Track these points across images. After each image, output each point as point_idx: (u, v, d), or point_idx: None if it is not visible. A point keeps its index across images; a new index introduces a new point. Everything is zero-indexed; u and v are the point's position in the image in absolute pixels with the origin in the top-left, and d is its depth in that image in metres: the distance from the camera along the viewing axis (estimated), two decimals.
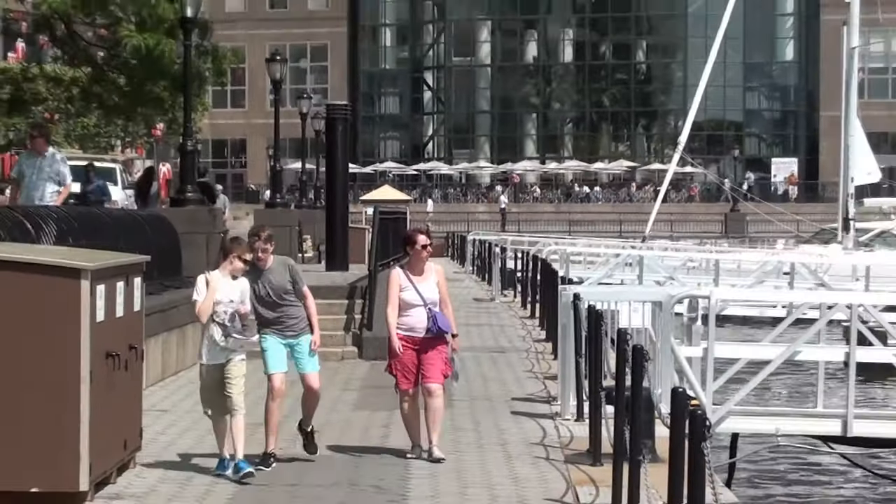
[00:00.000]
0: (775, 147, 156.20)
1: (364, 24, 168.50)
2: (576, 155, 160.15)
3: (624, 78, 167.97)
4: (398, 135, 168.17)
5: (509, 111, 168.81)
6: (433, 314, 18.96)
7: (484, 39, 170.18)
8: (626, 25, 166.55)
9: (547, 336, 36.21)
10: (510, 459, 21.84)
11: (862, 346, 26.07)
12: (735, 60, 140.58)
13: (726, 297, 32.43)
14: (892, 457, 30.36)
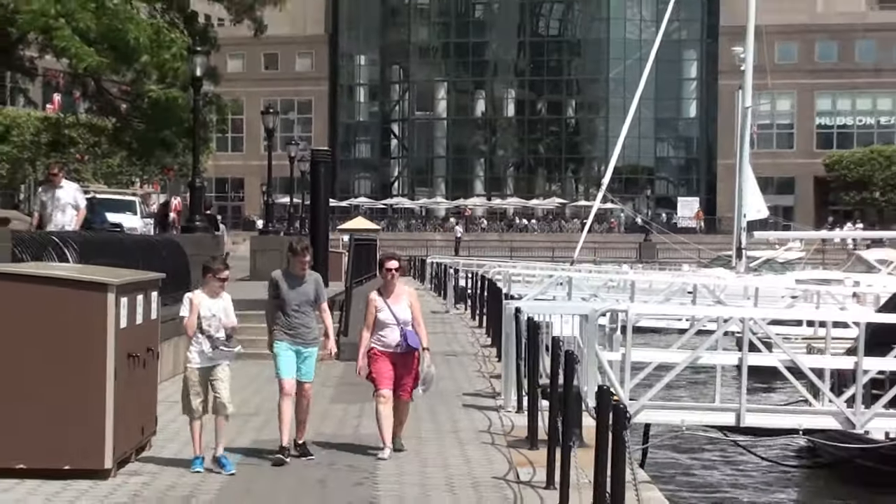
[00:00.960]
0: (680, 188, 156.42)
1: (342, 84, 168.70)
2: (516, 193, 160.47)
3: (556, 130, 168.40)
4: (369, 175, 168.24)
5: (462, 156, 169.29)
6: (405, 332, 18.71)
7: (441, 97, 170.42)
8: (558, 87, 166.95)
9: (492, 342, 36.24)
10: (462, 444, 21.88)
11: (752, 353, 26.19)
12: (648, 116, 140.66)
13: (640, 312, 32.48)
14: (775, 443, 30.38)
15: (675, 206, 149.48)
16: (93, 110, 55.11)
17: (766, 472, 31.93)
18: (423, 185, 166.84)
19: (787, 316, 44.49)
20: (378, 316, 18.76)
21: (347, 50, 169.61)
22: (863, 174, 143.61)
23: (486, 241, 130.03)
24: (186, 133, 47.42)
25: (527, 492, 17.95)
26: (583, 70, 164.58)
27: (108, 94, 49.48)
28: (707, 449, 33.85)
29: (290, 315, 18.55)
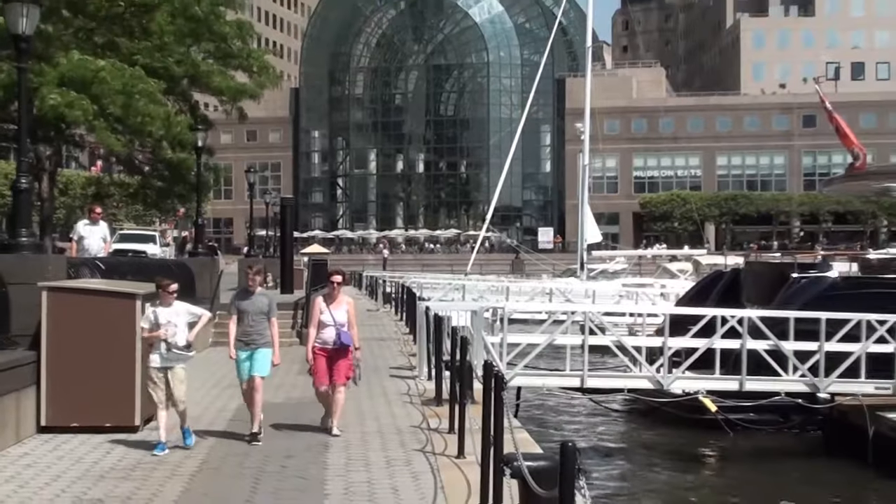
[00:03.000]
0: (540, 221, 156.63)
1: (302, 151, 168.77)
2: (426, 225, 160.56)
3: (453, 181, 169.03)
4: (321, 214, 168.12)
5: (387, 200, 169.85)
6: (339, 332, 17.75)
7: (372, 159, 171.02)
8: (453, 151, 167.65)
9: (410, 331, 36.16)
10: (389, 403, 21.93)
11: (591, 335, 26.25)
12: (517, 171, 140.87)
13: (512, 308, 32.42)
14: (609, 398, 30.37)
15: (537, 233, 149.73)
16: (124, 171, 55.07)
17: (603, 418, 32.02)
18: (360, 221, 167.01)
19: (615, 309, 44.75)
20: (321, 317, 17.89)
21: (305, 127, 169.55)
22: (666, 210, 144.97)
23: (405, 260, 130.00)
24: (192, 188, 47.39)
25: (435, 436, 18.06)
26: (470, 139, 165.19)
27: (135, 161, 49.42)
28: (561, 403, 33.92)
29: (245, 323, 17.38)
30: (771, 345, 26.24)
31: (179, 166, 47.44)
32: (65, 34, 40.33)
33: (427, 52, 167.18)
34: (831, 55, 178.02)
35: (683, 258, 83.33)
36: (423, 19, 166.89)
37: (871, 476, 25.10)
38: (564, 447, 8.18)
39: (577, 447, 8.25)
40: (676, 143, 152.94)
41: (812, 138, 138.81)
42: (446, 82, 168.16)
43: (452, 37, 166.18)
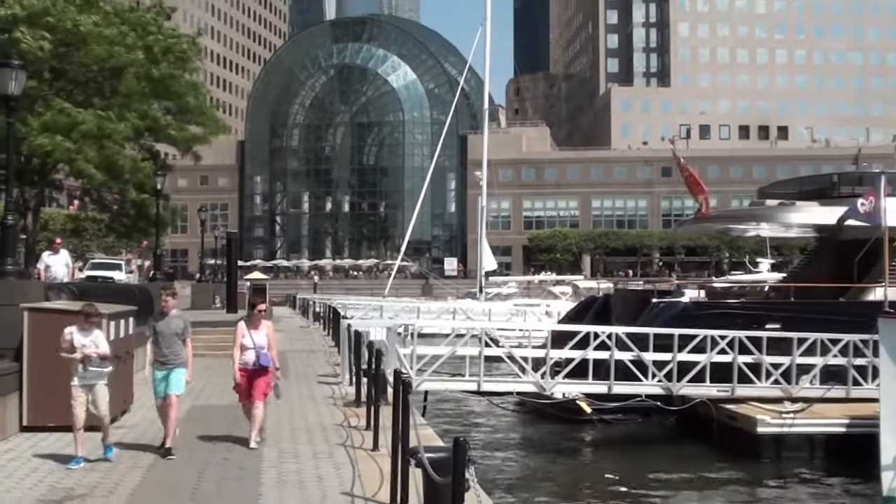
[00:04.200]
0: (447, 252, 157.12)
1: (246, 193, 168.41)
2: (350, 256, 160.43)
3: (373, 219, 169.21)
4: (262, 247, 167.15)
5: (317, 235, 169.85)
6: (259, 354, 16.52)
7: (305, 200, 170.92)
8: (374, 194, 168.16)
9: (335, 344, 35.92)
10: (316, 405, 21.81)
11: (488, 347, 26.27)
12: (426, 211, 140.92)
13: (422, 325, 32.34)
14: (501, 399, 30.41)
15: (444, 262, 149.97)
16: (96, 209, 54.50)
17: (496, 416, 32.01)
18: (295, 252, 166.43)
19: (508, 325, 44.76)
20: (242, 341, 16.72)
21: (249, 173, 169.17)
22: (550, 244, 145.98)
23: (332, 285, 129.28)
24: (153, 224, 46.96)
25: (354, 432, 17.98)
26: (388, 184, 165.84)
27: (105, 201, 48.94)
28: (461, 404, 33.87)
29: (161, 345, 16.08)
30: (634, 356, 26.45)
31: (142, 206, 47.09)
32: (48, 93, 40.07)
33: (352, 111, 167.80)
34: (684, 119, 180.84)
35: (566, 283, 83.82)
36: (349, 84, 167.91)
37: (712, 455, 25.55)
38: (456, 441, 8.23)
39: (467, 441, 8.29)
40: (559, 189, 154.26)
41: (669, 186, 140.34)
42: (368, 137, 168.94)
43: (374, 99, 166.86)
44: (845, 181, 35.38)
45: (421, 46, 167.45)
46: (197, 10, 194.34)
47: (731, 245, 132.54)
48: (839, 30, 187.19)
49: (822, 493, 22.14)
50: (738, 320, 29.30)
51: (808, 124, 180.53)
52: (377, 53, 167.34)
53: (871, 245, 30.69)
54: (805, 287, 34.69)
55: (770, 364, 27.05)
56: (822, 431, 25.05)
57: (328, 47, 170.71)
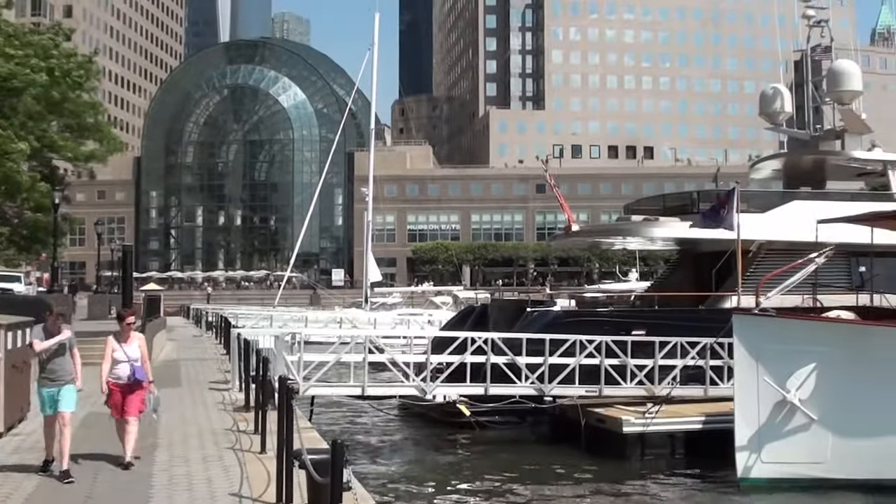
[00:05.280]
0: (334, 264, 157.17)
1: (142, 207, 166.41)
2: (242, 267, 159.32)
3: (264, 233, 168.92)
4: (157, 259, 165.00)
5: (211, 247, 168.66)
6: (133, 368, 15.07)
7: (199, 214, 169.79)
8: (265, 209, 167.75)
9: (227, 352, 35.51)
10: (207, 410, 21.50)
11: (371, 354, 26.17)
12: (315, 224, 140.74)
13: (309, 333, 32.16)
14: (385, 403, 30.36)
15: (331, 273, 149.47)
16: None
17: (380, 420, 31.90)
18: (189, 264, 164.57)
19: (392, 333, 44.73)
20: (114, 355, 15.21)
21: (145, 188, 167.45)
22: (432, 256, 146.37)
23: (224, 296, 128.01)
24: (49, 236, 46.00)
25: (243, 436, 17.76)
26: (278, 199, 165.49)
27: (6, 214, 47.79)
28: (348, 408, 33.67)
29: (49, 360, 14.86)
30: (509, 359, 26.62)
31: (38, 222, 46.09)
32: None
33: (244, 129, 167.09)
34: (557, 139, 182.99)
35: (446, 293, 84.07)
36: (241, 104, 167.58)
37: (583, 456, 25.68)
38: (334, 443, 8.18)
39: (344, 443, 8.24)
40: (440, 204, 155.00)
41: (543, 202, 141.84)
42: (259, 154, 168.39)
43: (265, 118, 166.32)
44: (704, 198, 35.98)
45: (311, 69, 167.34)
46: (95, 31, 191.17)
47: (602, 256, 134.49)
48: (700, 59, 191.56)
49: (683, 485, 22.52)
50: (605, 327, 29.66)
51: (672, 145, 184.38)
52: (269, 75, 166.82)
53: (728, 256, 31.30)
54: (668, 296, 35.31)
55: (634, 366, 27.45)
56: (682, 429, 25.48)
57: (222, 68, 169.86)
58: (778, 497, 20.99)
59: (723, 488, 21.76)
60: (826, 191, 37.77)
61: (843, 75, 40.04)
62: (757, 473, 21.30)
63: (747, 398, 21.23)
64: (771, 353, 21.03)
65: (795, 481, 21.28)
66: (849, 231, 26.60)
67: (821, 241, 24.86)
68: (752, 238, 32.95)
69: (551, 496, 21.52)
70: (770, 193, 38.52)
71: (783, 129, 42.56)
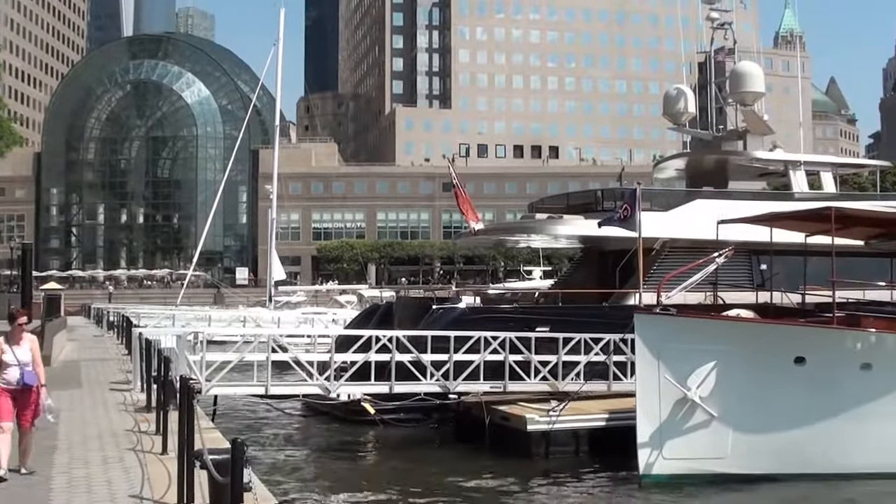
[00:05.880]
0: (239, 263, 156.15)
1: (42, 205, 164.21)
2: (145, 266, 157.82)
3: (167, 231, 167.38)
4: (58, 257, 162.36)
5: (113, 245, 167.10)
6: (23, 372, 14.15)
7: (101, 212, 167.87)
8: (168, 206, 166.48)
9: (128, 352, 34.92)
10: (108, 411, 21.23)
11: (275, 353, 25.94)
12: (219, 222, 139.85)
13: (212, 332, 31.88)
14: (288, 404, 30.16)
15: (235, 272, 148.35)
16: None
17: (285, 420, 31.70)
18: (90, 263, 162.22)
19: (296, 332, 44.43)
20: (3, 357, 14.27)
21: (46, 185, 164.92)
22: (337, 254, 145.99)
23: (127, 295, 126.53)
24: None
25: (144, 437, 17.57)
26: (181, 197, 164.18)
27: None
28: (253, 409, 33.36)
29: None
30: (413, 357, 26.61)
31: None
32: None
33: (147, 125, 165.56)
34: (463, 138, 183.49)
35: (350, 292, 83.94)
36: (144, 99, 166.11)
37: (487, 455, 25.79)
38: (234, 442, 8.08)
39: (244, 442, 8.15)
40: (346, 202, 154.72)
41: (449, 200, 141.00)
42: (163, 150, 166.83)
43: (168, 114, 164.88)
44: (608, 196, 36.35)
45: (215, 64, 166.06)
46: None
47: (507, 255, 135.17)
48: (606, 60, 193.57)
49: (586, 482, 22.71)
50: (510, 324, 29.79)
51: (577, 145, 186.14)
52: (172, 70, 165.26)
53: (631, 254, 31.66)
54: (572, 293, 35.62)
55: (538, 362, 27.61)
56: (586, 426, 25.69)
57: (125, 63, 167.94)
58: (679, 492, 21.27)
59: (625, 485, 21.99)
60: (728, 190, 38.44)
61: (746, 77, 40.81)
62: (659, 470, 21.58)
63: (649, 396, 21.51)
64: (672, 352, 21.31)
65: (697, 477, 21.61)
66: (750, 230, 27.07)
67: (722, 240, 25.25)
68: (655, 236, 33.39)
69: (455, 496, 21.53)
70: (673, 192, 39.03)
71: (687, 130, 43.19)
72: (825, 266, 22.79)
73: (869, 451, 22.25)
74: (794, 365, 21.56)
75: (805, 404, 21.81)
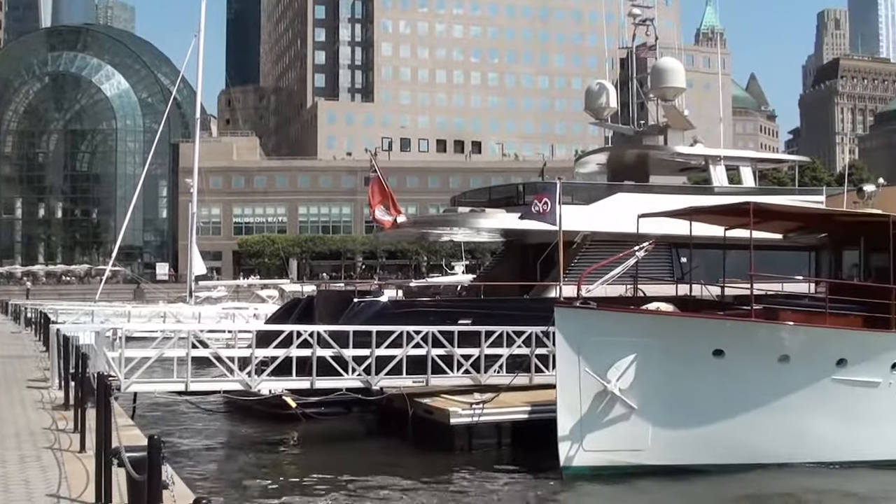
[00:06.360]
0: (158, 257, 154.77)
1: None
2: (64, 261, 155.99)
3: (86, 225, 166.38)
4: None
5: (31, 241, 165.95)
6: None
7: (18, 206, 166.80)
8: (87, 201, 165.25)
9: (46, 349, 34.32)
10: (25, 409, 20.86)
11: (195, 349, 25.67)
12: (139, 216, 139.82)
13: (131, 328, 31.49)
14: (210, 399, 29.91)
15: (156, 267, 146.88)
16: None
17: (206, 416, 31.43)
18: (7, 258, 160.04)
19: (217, 328, 44.01)
20: None
21: None
22: (259, 249, 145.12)
23: (45, 290, 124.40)
24: None
25: (62, 435, 17.28)
26: (101, 191, 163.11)
27: None
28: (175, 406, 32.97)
29: None
30: (335, 352, 26.53)
31: None
32: None
33: (66, 118, 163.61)
34: (386, 132, 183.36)
35: (272, 286, 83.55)
36: (63, 92, 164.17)
37: (411, 448, 25.92)
38: (151, 439, 7.99)
39: (161, 439, 8.06)
40: (267, 197, 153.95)
41: None
42: (81, 144, 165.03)
43: (87, 107, 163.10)
44: (529, 190, 36.58)
45: (135, 56, 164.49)
46: None
47: (429, 249, 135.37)
48: (529, 56, 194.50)
49: (507, 475, 22.82)
50: (432, 317, 29.83)
51: (500, 140, 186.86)
52: (91, 62, 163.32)
53: (553, 247, 31.85)
54: (494, 286, 35.79)
55: (461, 355, 27.68)
56: (509, 419, 25.80)
57: (43, 55, 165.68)
58: (599, 484, 21.46)
59: (546, 477, 22.11)
60: (649, 184, 38.86)
61: (667, 72, 41.31)
62: (579, 462, 21.73)
63: (569, 389, 21.64)
64: (591, 345, 21.46)
65: (617, 468, 21.80)
66: (671, 223, 27.36)
67: (643, 234, 25.48)
68: (577, 229, 33.66)
69: (377, 490, 21.50)
70: (595, 186, 39.40)
71: (608, 125, 43.58)
72: (745, 259, 23.06)
73: (786, 442, 22.62)
74: (713, 357, 21.82)
75: (723, 396, 22.08)
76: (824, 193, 37.21)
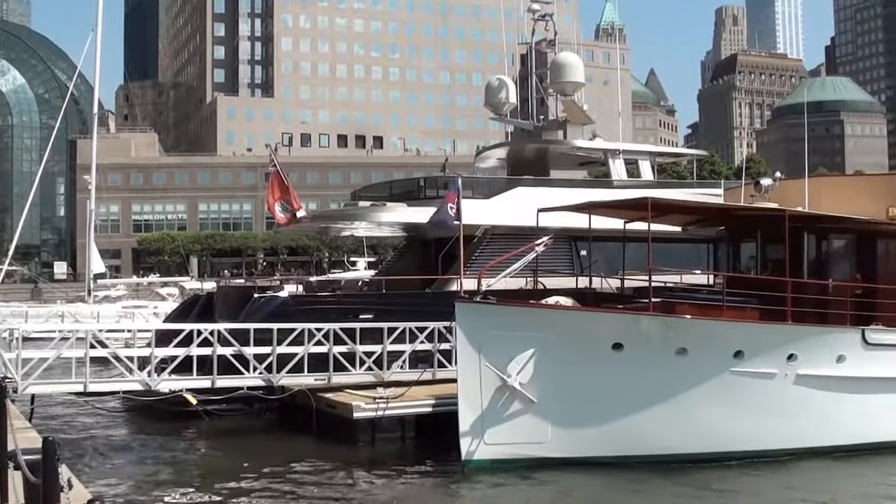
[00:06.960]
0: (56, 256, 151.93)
1: None
2: None
3: None
4: None
5: None
6: None
7: None
8: None
9: None
10: None
11: (93, 349, 25.27)
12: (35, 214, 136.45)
13: (29, 329, 30.92)
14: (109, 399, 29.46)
15: (54, 266, 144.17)
16: None
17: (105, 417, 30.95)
18: None
19: (116, 327, 43.37)
20: None
21: None
22: (158, 247, 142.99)
23: None
24: None
25: None
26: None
27: None
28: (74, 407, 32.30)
29: None
30: (236, 350, 26.35)
31: None
32: None
33: None
34: (286, 127, 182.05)
35: (172, 284, 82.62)
36: None
37: (314, 443, 25.90)
38: (45, 441, 7.90)
39: (56, 441, 7.97)
40: (166, 193, 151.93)
41: None
42: None
43: None
44: (430, 185, 36.77)
45: (31, 51, 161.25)
46: None
47: (331, 245, 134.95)
48: (430, 51, 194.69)
49: (410, 469, 22.88)
50: (333, 314, 29.79)
51: (401, 135, 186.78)
52: None
53: (454, 242, 31.99)
54: (395, 280, 35.86)
55: (363, 352, 27.68)
56: (412, 413, 25.87)
57: None
58: (500, 477, 21.62)
59: (448, 470, 22.24)
60: (549, 178, 39.23)
61: (566, 67, 41.72)
62: (480, 455, 21.88)
63: (470, 383, 21.77)
64: (492, 339, 21.59)
65: (518, 461, 21.98)
66: (571, 217, 27.60)
67: (543, 227, 25.68)
68: (477, 223, 33.86)
69: (280, 485, 21.42)
70: (494, 180, 39.65)
71: (508, 120, 43.88)
72: (644, 251, 23.31)
73: (686, 434, 22.96)
74: (612, 351, 22.05)
75: (623, 390, 22.32)
76: (722, 187, 37.83)
